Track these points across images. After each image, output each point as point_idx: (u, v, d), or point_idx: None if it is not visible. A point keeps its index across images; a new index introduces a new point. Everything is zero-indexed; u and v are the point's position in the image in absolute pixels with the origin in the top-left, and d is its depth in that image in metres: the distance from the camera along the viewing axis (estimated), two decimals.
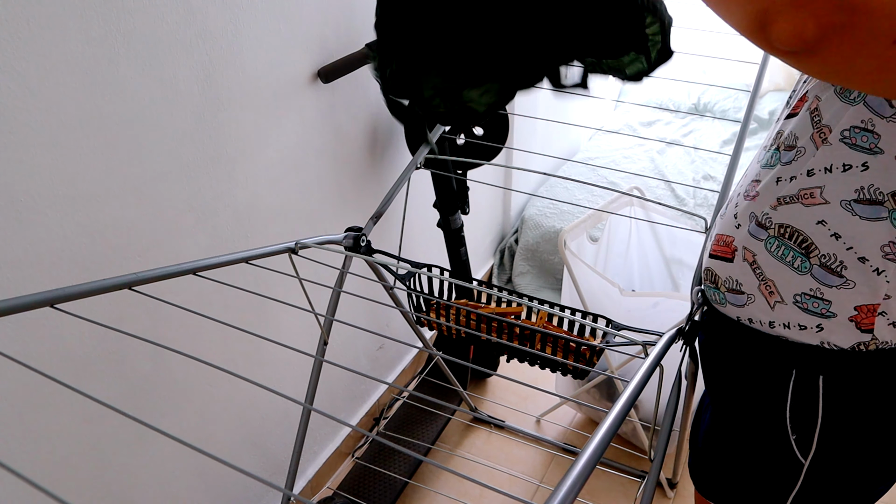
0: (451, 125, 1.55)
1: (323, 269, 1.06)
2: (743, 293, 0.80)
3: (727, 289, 0.82)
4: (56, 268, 0.95)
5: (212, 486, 1.38)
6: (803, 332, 0.75)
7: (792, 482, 0.80)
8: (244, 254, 0.88)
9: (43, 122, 0.88)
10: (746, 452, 0.83)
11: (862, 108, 0.65)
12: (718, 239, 0.85)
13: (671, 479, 1.74)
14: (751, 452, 0.83)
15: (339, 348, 1.70)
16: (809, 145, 0.70)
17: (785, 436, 0.78)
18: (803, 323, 0.74)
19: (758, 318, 0.79)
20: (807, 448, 0.78)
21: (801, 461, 0.78)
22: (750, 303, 0.79)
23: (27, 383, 0.96)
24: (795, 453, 0.78)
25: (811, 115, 0.70)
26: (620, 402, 0.60)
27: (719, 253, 0.83)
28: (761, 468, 0.82)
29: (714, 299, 0.85)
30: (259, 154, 1.26)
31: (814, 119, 0.69)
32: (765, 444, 0.81)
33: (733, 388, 0.85)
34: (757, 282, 0.78)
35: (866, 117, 0.64)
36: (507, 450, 1.88)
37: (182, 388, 1.23)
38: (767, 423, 0.80)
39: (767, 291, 0.77)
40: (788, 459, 0.79)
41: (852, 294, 0.71)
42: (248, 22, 1.14)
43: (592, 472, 0.47)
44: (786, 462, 0.79)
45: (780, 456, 0.79)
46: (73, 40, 0.89)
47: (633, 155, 2.76)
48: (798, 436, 0.77)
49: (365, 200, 1.61)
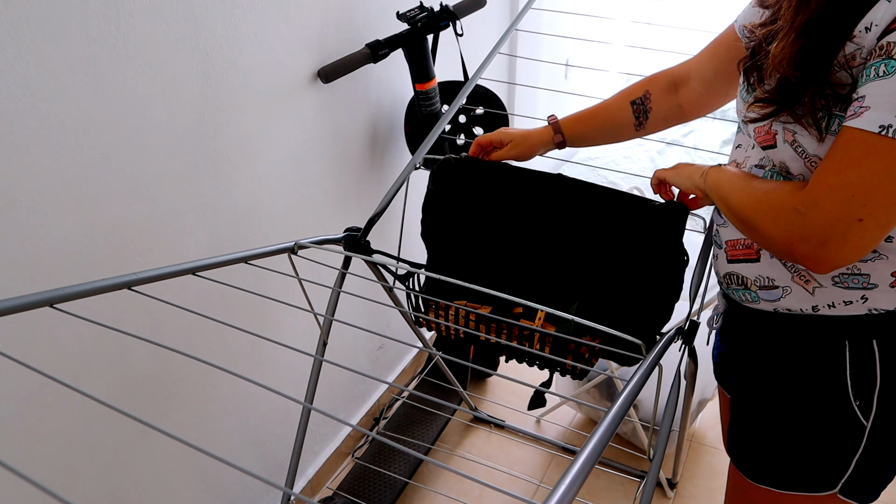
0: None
1: (322, 270, 1.06)
2: (777, 287, 0.83)
3: (759, 287, 0.85)
4: (56, 268, 0.95)
5: (211, 486, 1.37)
6: (849, 306, 0.79)
7: (855, 445, 0.83)
8: (243, 254, 0.88)
9: (43, 122, 0.88)
10: (805, 426, 0.85)
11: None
12: (734, 244, 0.87)
13: (671, 478, 1.74)
14: (811, 425, 0.85)
15: (338, 349, 1.70)
16: (807, 172, 0.75)
17: (847, 403, 0.81)
18: (848, 298, 0.78)
19: (797, 306, 0.82)
20: (868, 410, 0.81)
21: (863, 424, 0.81)
22: (787, 294, 0.82)
23: (27, 383, 0.96)
24: (858, 417, 0.81)
25: (793, 146, 0.75)
26: (619, 401, 0.60)
27: (741, 256, 0.86)
28: (823, 438, 0.84)
29: (744, 299, 0.88)
30: (259, 154, 1.26)
31: (798, 151, 0.74)
32: (826, 414, 0.83)
33: (781, 370, 0.87)
34: (790, 274, 0.81)
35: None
36: (507, 450, 1.88)
37: (181, 389, 1.23)
38: (827, 394, 0.82)
39: (803, 280, 0.80)
40: (852, 424, 0.82)
41: (887, 263, 0.76)
42: (248, 22, 1.14)
43: (591, 471, 0.47)
44: (849, 428, 0.82)
45: (842, 423, 0.82)
46: (73, 40, 0.89)
47: (632, 155, 2.76)
48: (861, 401, 0.81)
49: (364, 200, 1.61)
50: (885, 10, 0.64)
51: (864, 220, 0.65)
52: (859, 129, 0.64)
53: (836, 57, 0.68)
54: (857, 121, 0.65)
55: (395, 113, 1.65)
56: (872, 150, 0.64)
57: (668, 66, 1.04)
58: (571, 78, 2.71)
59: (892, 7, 0.63)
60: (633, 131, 1.07)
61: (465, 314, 1.04)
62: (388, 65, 1.55)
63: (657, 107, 1.04)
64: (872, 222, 0.66)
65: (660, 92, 1.03)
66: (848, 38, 0.67)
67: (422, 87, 1.48)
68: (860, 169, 0.65)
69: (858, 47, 0.66)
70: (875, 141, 0.64)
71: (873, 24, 0.65)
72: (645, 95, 1.03)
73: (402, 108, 1.65)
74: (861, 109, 0.65)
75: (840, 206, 0.66)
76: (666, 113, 1.04)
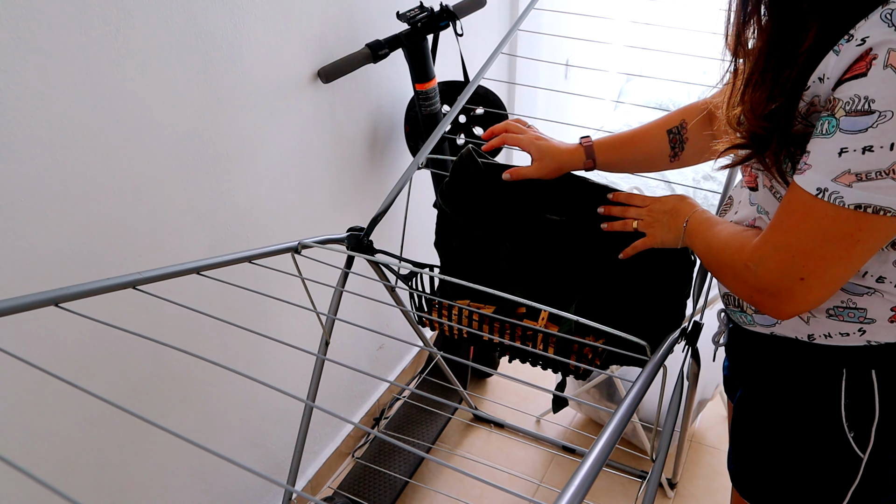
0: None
1: (324, 270, 1.06)
2: None
3: (754, 310, 0.83)
4: (55, 268, 0.95)
5: (212, 486, 1.37)
6: (846, 337, 0.76)
7: (851, 477, 0.80)
8: (247, 253, 0.87)
9: (43, 122, 0.88)
10: (799, 453, 0.83)
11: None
12: None
13: (671, 479, 1.74)
14: (804, 453, 0.83)
15: (339, 349, 1.69)
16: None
17: (842, 433, 0.78)
18: (844, 330, 0.76)
19: (793, 334, 0.80)
20: (865, 442, 0.78)
21: (859, 456, 0.79)
22: (782, 321, 0.80)
23: (28, 383, 0.95)
24: (854, 449, 0.78)
25: (771, 192, 0.75)
26: (626, 402, 0.60)
27: None
28: (817, 467, 0.82)
29: (742, 321, 0.86)
30: (259, 154, 1.25)
31: (777, 197, 0.75)
32: (820, 443, 0.81)
33: (778, 393, 0.85)
34: None
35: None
36: (508, 449, 1.88)
37: (183, 388, 1.23)
38: (821, 422, 0.80)
39: None
40: (846, 455, 0.79)
41: (883, 301, 0.73)
42: (248, 22, 1.14)
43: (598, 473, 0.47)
44: (843, 458, 0.79)
45: (836, 453, 0.80)
46: (73, 40, 0.88)
47: None
48: (855, 432, 0.78)
49: (365, 200, 1.61)
50: (835, 64, 0.62)
51: (806, 278, 0.67)
52: (801, 189, 0.65)
53: (797, 108, 0.67)
54: (800, 178, 0.65)
55: (395, 113, 1.65)
56: (810, 212, 0.64)
57: (701, 100, 0.99)
58: (571, 78, 2.71)
59: (840, 61, 0.62)
60: (667, 162, 1.02)
61: (469, 314, 1.04)
62: (388, 65, 1.54)
63: (693, 137, 0.98)
64: (815, 281, 0.67)
65: (696, 123, 0.98)
66: (802, 89, 0.66)
67: (422, 87, 1.48)
68: (799, 230, 0.66)
69: (815, 95, 0.65)
70: (813, 203, 0.64)
71: (825, 76, 0.64)
72: (681, 125, 0.98)
73: (402, 108, 1.65)
74: (805, 166, 0.65)
75: (782, 265, 0.68)
76: (702, 146, 0.99)
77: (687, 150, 0.99)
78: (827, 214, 0.63)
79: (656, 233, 0.93)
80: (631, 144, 1.01)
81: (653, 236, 0.93)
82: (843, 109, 0.61)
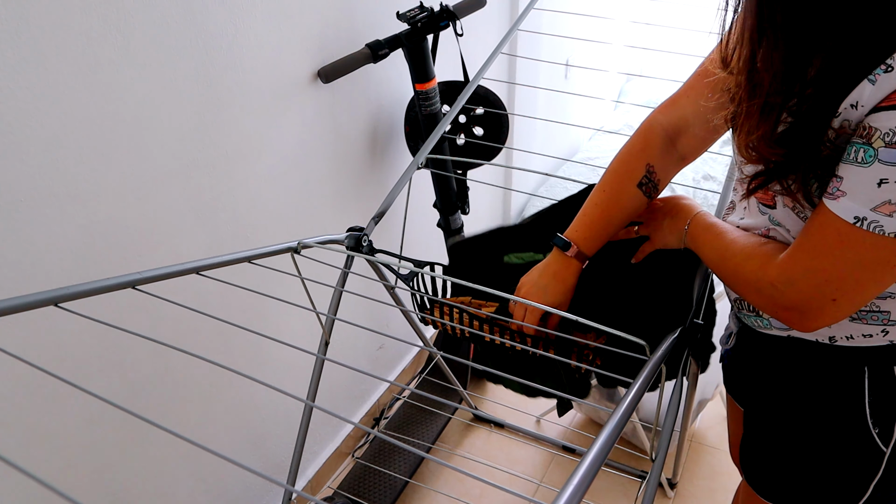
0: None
1: (324, 269, 1.06)
2: None
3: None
4: (55, 268, 0.95)
5: (212, 486, 1.37)
6: (869, 338, 0.77)
7: (874, 470, 0.82)
8: (247, 253, 0.87)
9: (43, 122, 0.88)
10: (823, 449, 0.84)
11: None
12: None
13: (671, 479, 1.74)
14: (828, 449, 0.84)
15: (338, 349, 1.69)
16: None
17: (866, 429, 0.80)
18: (867, 332, 0.77)
19: (814, 336, 0.81)
20: (888, 437, 0.80)
21: (882, 450, 0.80)
22: None
23: (28, 383, 0.95)
24: (878, 443, 0.80)
25: (794, 211, 0.75)
26: (626, 402, 0.60)
27: None
28: (840, 462, 0.83)
29: (757, 325, 0.87)
30: (259, 154, 1.25)
31: (799, 215, 0.74)
32: (843, 439, 0.82)
33: (798, 393, 0.85)
34: None
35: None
36: (507, 449, 1.88)
37: (182, 389, 1.23)
38: (845, 419, 0.81)
39: None
40: (870, 450, 0.81)
41: None
42: (248, 22, 1.14)
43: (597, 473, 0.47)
44: (867, 453, 0.81)
45: (860, 448, 0.81)
46: (73, 40, 0.88)
47: None
48: (880, 428, 0.79)
49: (364, 200, 1.61)
50: (871, 93, 0.61)
51: (838, 299, 0.68)
52: (836, 216, 0.65)
53: (826, 134, 0.66)
54: (834, 205, 0.65)
55: (395, 113, 1.65)
56: (846, 239, 0.65)
57: (652, 121, 0.94)
58: (571, 78, 2.71)
59: (877, 91, 0.61)
60: (645, 206, 0.98)
61: (471, 313, 1.04)
62: (388, 65, 1.54)
63: (664, 173, 0.95)
64: (846, 301, 0.68)
65: (660, 159, 0.93)
66: (832, 116, 0.65)
67: (422, 87, 1.48)
68: (833, 257, 0.66)
69: (846, 120, 0.65)
70: (849, 231, 0.64)
71: (859, 104, 0.63)
72: (649, 171, 0.93)
73: (402, 108, 1.65)
74: (838, 193, 0.65)
75: (814, 288, 0.69)
76: (671, 172, 0.96)
77: (661, 187, 0.96)
78: (864, 242, 0.64)
79: (658, 235, 0.93)
80: (611, 222, 0.95)
81: (655, 239, 0.94)
82: (882, 140, 0.61)
